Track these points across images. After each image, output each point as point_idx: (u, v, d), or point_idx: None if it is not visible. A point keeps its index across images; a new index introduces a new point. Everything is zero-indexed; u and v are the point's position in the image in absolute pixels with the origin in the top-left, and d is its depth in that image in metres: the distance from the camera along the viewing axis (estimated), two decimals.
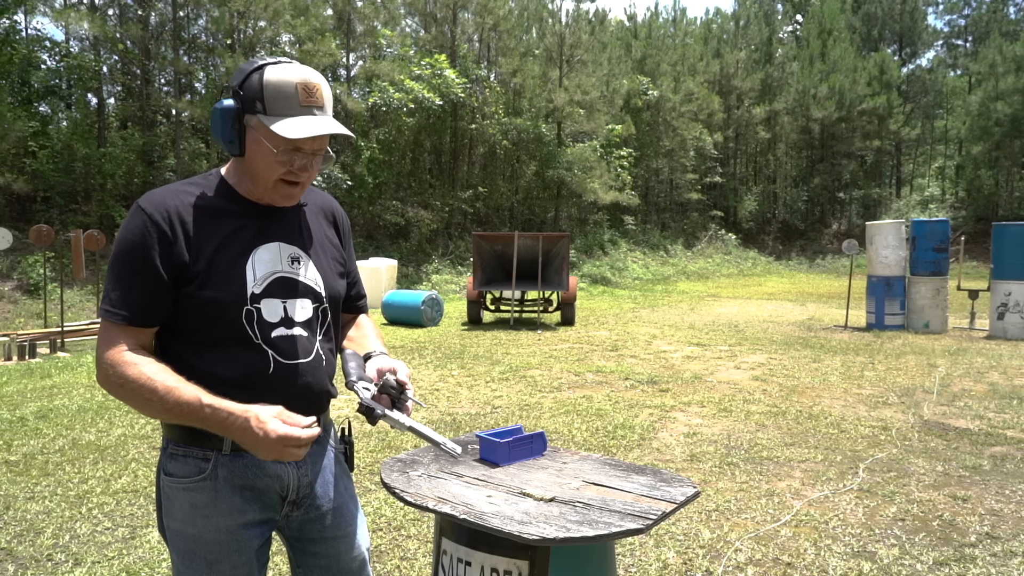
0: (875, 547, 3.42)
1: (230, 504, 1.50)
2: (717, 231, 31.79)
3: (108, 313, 1.45)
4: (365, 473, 4.48)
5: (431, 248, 20.97)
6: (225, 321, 1.48)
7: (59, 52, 18.25)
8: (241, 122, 1.48)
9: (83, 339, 10.71)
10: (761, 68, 35.67)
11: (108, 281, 1.47)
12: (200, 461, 1.49)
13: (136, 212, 1.47)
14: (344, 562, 1.68)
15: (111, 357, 1.42)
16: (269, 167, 1.50)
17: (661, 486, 1.81)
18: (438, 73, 20.15)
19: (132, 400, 1.42)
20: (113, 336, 1.44)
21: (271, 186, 1.52)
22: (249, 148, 1.50)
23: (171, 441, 1.52)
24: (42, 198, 16.12)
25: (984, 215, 31.26)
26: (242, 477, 1.51)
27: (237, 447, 1.49)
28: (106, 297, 1.46)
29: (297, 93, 1.47)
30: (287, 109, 1.46)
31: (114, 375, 1.41)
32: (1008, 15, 38.77)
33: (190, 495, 1.50)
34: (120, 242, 1.47)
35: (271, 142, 1.47)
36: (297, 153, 1.49)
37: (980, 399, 6.54)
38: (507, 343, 10.17)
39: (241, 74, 1.49)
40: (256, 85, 1.47)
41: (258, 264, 1.53)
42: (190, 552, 1.50)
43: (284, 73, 1.47)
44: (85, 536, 3.57)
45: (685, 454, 4.89)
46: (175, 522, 1.52)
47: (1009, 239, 10.71)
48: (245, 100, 1.47)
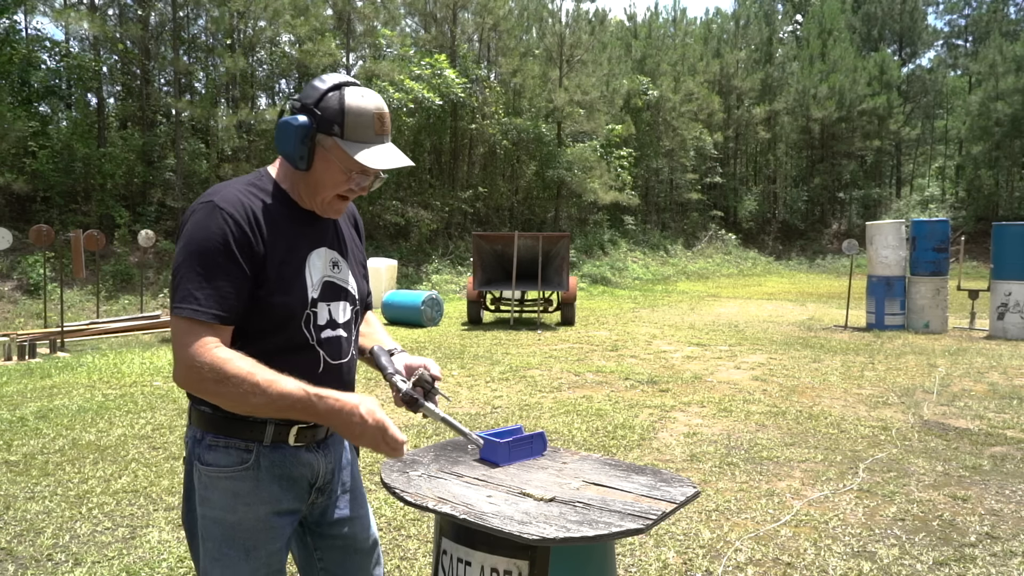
0: (875, 547, 3.42)
1: (269, 492, 1.56)
2: (717, 231, 31.79)
3: (196, 312, 1.43)
4: (365, 473, 4.48)
5: (431, 248, 20.97)
6: (290, 325, 1.55)
7: (59, 52, 18.25)
8: (313, 140, 1.52)
9: (83, 339, 10.71)
10: (761, 68, 35.66)
11: (187, 279, 1.44)
12: (242, 452, 1.54)
13: (213, 209, 1.46)
14: (359, 542, 1.77)
15: (204, 355, 1.42)
16: (334, 185, 1.56)
17: (661, 486, 1.81)
18: (438, 73, 20.15)
19: (230, 396, 1.43)
20: (201, 335, 1.43)
21: (330, 200, 1.59)
22: (317, 165, 1.54)
23: (208, 433, 1.55)
24: (42, 198, 16.13)
25: (984, 215, 31.26)
26: (281, 467, 1.58)
27: (277, 438, 1.56)
28: (187, 296, 1.43)
29: (374, 122, 1.53)
30: (364, 136, 1.53)
31: (210, 372, 1.41)
32: (1008, 15, 38.78)
33: (232, 483, 1.54)
34: (199, 240, 1.45)
35: (346, 165, 1.53)
36: (362, 176, 1.56)
37: (980, 399, 6.54)
38: (507, 343, 10.17)
39: (316, 92, 1.52)
40: (336, 107, 1.51)
41: (313, 269, 1.60)
42: (229, 539, 1.54)
43: (363, 100, 1.53)
44: (85, 536, 3.57)
45: (685, 454, 4.89)
46: (213, 510, 1.55)
47: (1009, 239, 10.71)
48: (322, 121, 1.51)
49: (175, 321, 1.45)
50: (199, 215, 1.47)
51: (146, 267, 15.31)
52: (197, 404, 1.58)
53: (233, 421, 1.52)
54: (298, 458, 1.60)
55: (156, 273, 15.64)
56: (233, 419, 1.52)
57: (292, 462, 1.59)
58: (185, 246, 1.46)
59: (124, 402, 6.49)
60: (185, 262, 1.45)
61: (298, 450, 1.60)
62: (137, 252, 15.46)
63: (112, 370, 8.07)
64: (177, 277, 1.46)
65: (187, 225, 1.48)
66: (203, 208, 1.47)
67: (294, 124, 1.50)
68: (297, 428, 1.59)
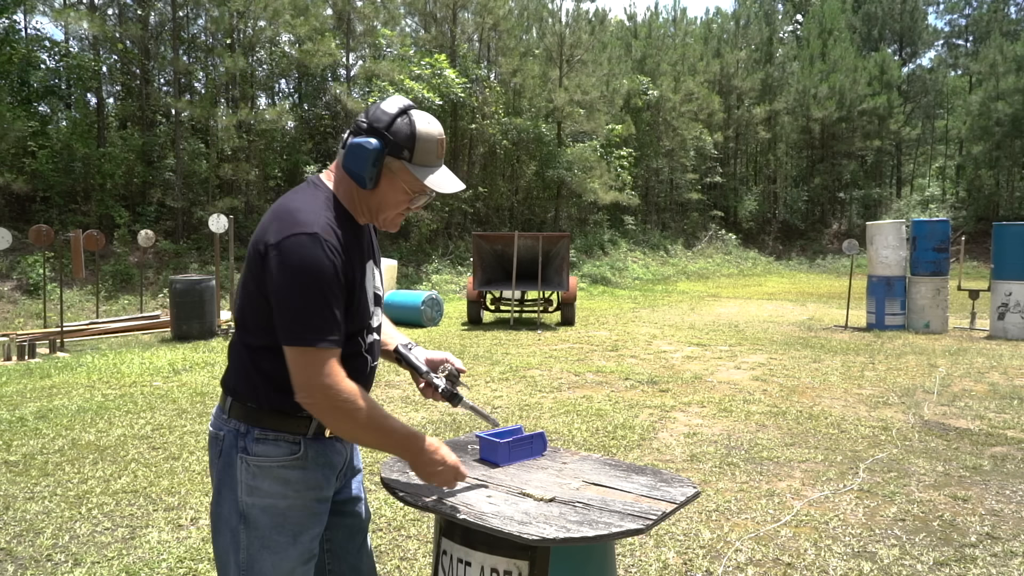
0: (875, 547, 3.42)
1: (315, 480, 1.67)
2: (717, 231, 31.78)
3: (327, 342, 1.52)
4: (365, 473, 4.47)
5: (431, 248, 20.97)
6: (355, 339, 1.67)
7: (58, 52, 18.24)
8: (382, 162, 1.61)
9: (82, 339, 10.71)
10: (761, 68, 35.65)
11: (309, 311, 1.51)
12: (291, 444, 1.63)
13: (319, 241, 1.51)
14: (363, 520, 1.90)
15: (342, 386, 1.54)
16: (395, 205, 1.67)
17: (661, 486, 1.80)
18: (438, 73, 20.15)
19: (358, 428, 1.59)
20: (332, 363, 1.53)
21: (390, 218, 1.70)
22: (383, 186, 1.63)
23: (255, 427, 1.62)
24: (42, 198, 16.12)
25: (984, 215, 31.25)
26: (324, 455, 1.69)
27: (317, 431, 1.66)
28: (316, 328, 1.51)
29: (438, 147, 1.65)
30: (429, 160, 1.64)
31: (345, 403, 1.54)
32: (1009, 15, 38.76)
33: (284, 471, 1.62)
34: (308, 270, 1.50)
35: (411, 186, 1.64)
36: (420, 196, 1.68)
37: (980, 399, 6.54)
38: (507, 343, 10.16)
39: (386, 116, 1.61)
40: (407, 132, 1.60)
41: (368, 284, 1.71)
42: (279, 525, 1.62)
43: (430, 126, 1.63)
44: (85, 536, 3.56)
45: (685, 454, 4.89)
46: (263, 499, 1.61)
47: (1009, 239, 10.71)
48: (393, 145, 1.60)
49: (304, 351, 1.52)
50: (306, 247, 1.50)
51: (146, 267, 15.30)
52: (242, 400, 1.64)
53: (281, 416, 1.62)
54: (334, 448, 1.72)
55: (156, 273, 15.64)
56: (281, 414, 1.62)
57: (330, 451, 1.71)
58: (295, 277, 1.50)
59: (124, 402, 6.48)
60: (303, 294, 1.51)
61: (333, 441, 1.72)
62: (137, 252, 15.46)
63: (112, 370, 8.07)
64: (295, 308, 1.51)
65: (293, 256, 1.50)
66: (308, 240, 1.51)
67: (368, 147, 1.58)
68: None
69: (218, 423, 1.69)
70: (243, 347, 1.64)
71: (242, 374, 1.64)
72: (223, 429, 1.66)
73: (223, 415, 1.67)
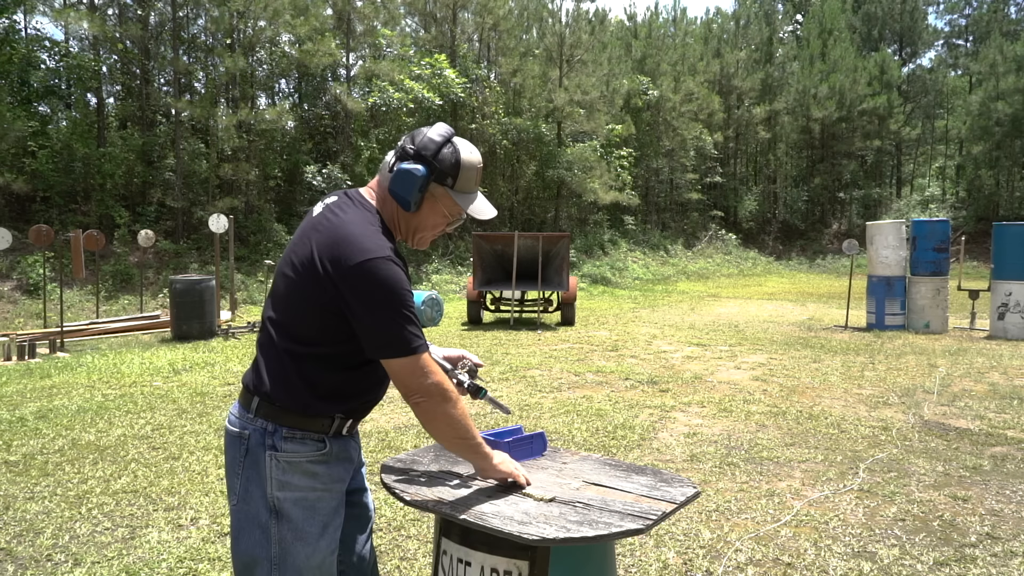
0: (875, 547, 3.42)
1: (338, 474, 1.79)
2: (717, 231, 31.77)
3: (424, 346, 1.69)
4: (365, 473, 4.48)
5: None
6: None
7: (59, 52, 18.24)
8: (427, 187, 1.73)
9: (82, 339, 10.70)
10: (761, 68, 35.64)
11: (407, 323, 1.65)
12: (317, 442, 1.74)
13: (392, 264, 1.65)
14: (369, 511, 2.00)
15: (445, 379, 1.72)
16: (433, 227, 1.81)
17: (661, 486, 1.80)
18: (438, 73, 20.15)
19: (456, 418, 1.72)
20: (432, 363, 1.70)
21: (425, 239, 1.83)
22: (424, 209, 1.77)
23: (283, 426, 1.71)
24: (42, 198, 16.12)
25: (984, 215, 31.23)
26: (345, 451, 1.81)
27: (339, 430, 1.78)
28: (409, 337, 1.65)
29: (478, 175, 1.78)
30: (469, 187, 1.77)
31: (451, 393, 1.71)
32: (1009, 15, 38.73)
33: (313, 466, 1.73)
34: (394, 289, 1.64)
35: (450, 211, 1.78)
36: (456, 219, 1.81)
37: (980, 399, 6.54)
38: (507, 343, 10.16)
39: (433, 144, 1.72)
40: (451, 161, 1.72)
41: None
42: (309, 517, 1.71)
43: (472, 155, 1.76)
44: (85, 536, 3.56)
45: (685, 454, 4.89)
46: (294, 492, 1.70)
47: (1009, 239, 10.70)
48: (439, 173, 1.72)
49: (411, 360, 1.66)
50: (385, 269, 1.64)
51: (146, 267, 15.30)
52: (270, 400, 1.71)
53: (310, 416, 1.72)
54: (351, 444, 1.85)
55: (156, 273, 15.64)
56: (308, 415, 1.72)
57: (350, 447, 1.83)
58: (387, 297, 1.64)
59: (124, 402, 6.48)
60: (396, 311, 1.65)
61: (349, 438, 1.84)
62: (137, 252, 15.46)
63: (112, 370, 8.07)
64: (392, 324, 1.64)
65: (376, 279, 1.63)
66: (383, 263, 1.64)
67: (417, 174, 1.70)
68: (351, 421, 1.81)
69: (242, 423, 1.75)
70: (284, 354, 1.72)
71: (280, 379, 1.71)
72: (248, 428, 1.73)
73: (248, 415, 1.74)
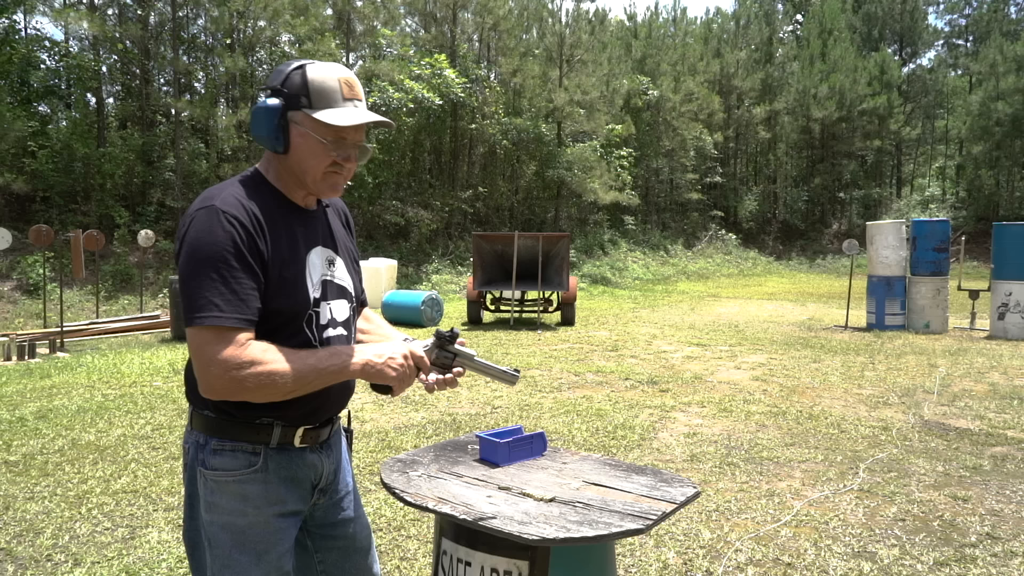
0: (875, 547, 3.42)
1: (277, 495, 1.56)
2: (717, 231, 31.78)
3: (221, 319, 1.39)
4: (365, 473, 4.48)
5: (431, 248, 20.96)
6: (292, 326, 1.54)
7: (58, 52, 18.24)
8: (285, 119, 1.52)
9: (82, 339, 10.71)
10: (761, 68, 35.65)
11: (204, 288, 1.39)
12: (250, 455, 1.53)
13: (215, 213, 1.43)
14: (359, 541, 1.78)
15: (242, 355, 1.40)
16: (317, 159, 1.53)
17: (661, 486, 1.80)
18: (438, 73, 20.14)
19: (271, 384, 1.42)
20: (231, 339, 1.40)
21: (319, 178, 1.55)
22: (295, 143, 1.53)
23: (213, 438, 1.53)
24: (42, 198, 16.12)
25: (985, 215, 31.24)
26: (287, 468, 1.58)
27: (283, 440, 1.56)
28: (207, 304, 1.39)
29: (340, 87, 1.53)
30: (332, 102, 1.52)
31: (252, 368, 1.40)
32: (1009, 15, 38.75)
33: (241, 487, 1.53)
34: (208, 246, 1.41)
35: (319, 133, 1.51)
36: (342, 143, 1.54)
37: (980, 399, 6.54)
38: (507, 343, 10.16)
39: (280, 74, 1.54)
40: (300, 82, 1.51)
41: (312, 269, 1.59)
42: (239, 544, 1.52)
43: (326, 69, 1.54)
44: (85, 536, 3.56)
45: (685, 454, 4.88)
46: (222, 516, 1.52)
47: (1010, 239, 10.70)
48: (289, 97, 1.51)
49: (198, 332, 1.40)
50: (201, 221, 1.43)
51: (146, 267, 15.30)
52: (200, 408, 1.56)
53: (239, 425, 1.53)
54: (303, 459, 1.61)
55: (156, 273, 15.64)
56: (239, 423, 1.53)
57: (298, 463, 1.60)
58: (192, 254, 1.42)
59: (124, 402, 6.48)
60: (197, 270, 1.41)
61: (303, 451, 1.61)
62: (137, 252, 15.46)
63: (112, 370, 8.07)
64: (191, 287, 1.41)
65: (189, 232, 1.43)
66: (205, 213, 1.44)
67: (264, 107, 1.51)
68: (303, 429, 1.58)
69: (186, 436, 1.61)
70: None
71: (190, 377, 1.55)
72: (188, 442, 1.59)
73: (189, 427, 1.61)
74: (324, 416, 1.65)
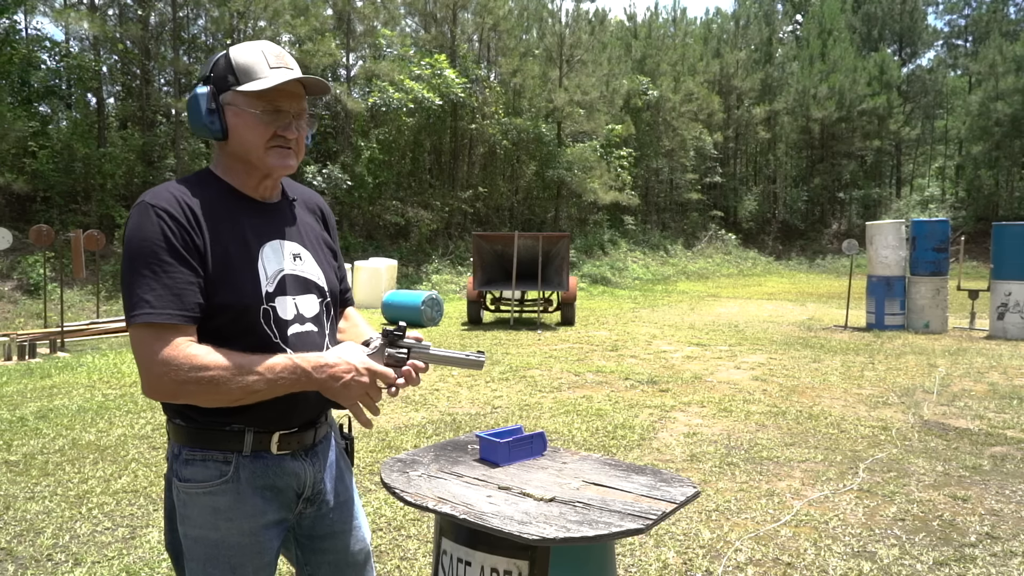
0: (875, 547, 3.42)
1: (252, 506, 1.49)
2: (717, 231, 31.79)
3: (152, 315, 1.34)
4: (365, 473, 4.48)
5: (431, 248, 20.97)
6: (243, 323, 1.46)
7: (59, 52, 18.25)
8: (217, 102, 1.48)
9: (83, 339, 10.71)
10: (761, 68, 35.68)
11: (135, 285, 1.36)
12: (221, 464, 1.47)
13: (145, 209, 1.40)
14: (351, 556, 1.69)
15: (177, 355, 1.34)
16: (256, 134, 1.48)
17: (661, 486, 1.81)
18: (438, 73, 20.15)
19: (214, 388, 1.35)
20: (166, 338, 1.35)
21: (264, 153, 1.49)
22: (231, 123, 1.48)
23: (185, 447, 1.48)
24: (42, 198, 16.13)
25: (984, 215, 31.25)
26: (263, 477, 1.50)
27: (258, 447, 1.49)
28: (139, 302, 1.35)
29: (265, 58, 1.49)
30: (258, 73, 1.48)
31: (189, 369, 1.34)
32: (1008, 15, 38.77)
33: (211, 499, 1.47)
34: (138, 242, 1.38)
35: (250, 106, 1.47)
36: (280, 114, 1.49)
37: (980, 399, 6.54)
38: (507, 343, 10.17)
39: (207, 64, 1.52)
40: (224, 63, 1.49)
41: (267, 262, 1.51)
42: (212, 558, 1.47)
43: (248, 45, 1.51)
44: (85, 536, 3.57)
45: (685, 454, 4.89)
46: (194, 529, 1.47)
47: (1009, 239, 10.71)
48: (216, 80, 1.48)
49: (133, 331, 1.36)
50: (133, 218, 1.41)
51: None
52: (172, 418, 1.50)
53: (210, 432, 1.46)
54: (282, 467, 1.53)
55: None
56: (210, 430, 1.46)
57: (275, 471, 1.52)
58: (126, 252, 1.39)
59: (124, 402, 6.49)
60: (129, 267, 1.37)
61: (282, 459, 1.53)
62: None
63: (112, 370, 8.07)
64: (125, 285, 1.38)
65: (125, 231, 1.41)
66: (136, 210, 1.41)
67: (194, 95, 1.49)
68: (279, 435, 1.51)
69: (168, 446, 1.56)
70: None
71: None
72: (168, 452, 1.54)
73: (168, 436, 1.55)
74: (301, 419, 1.55)
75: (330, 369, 1.42)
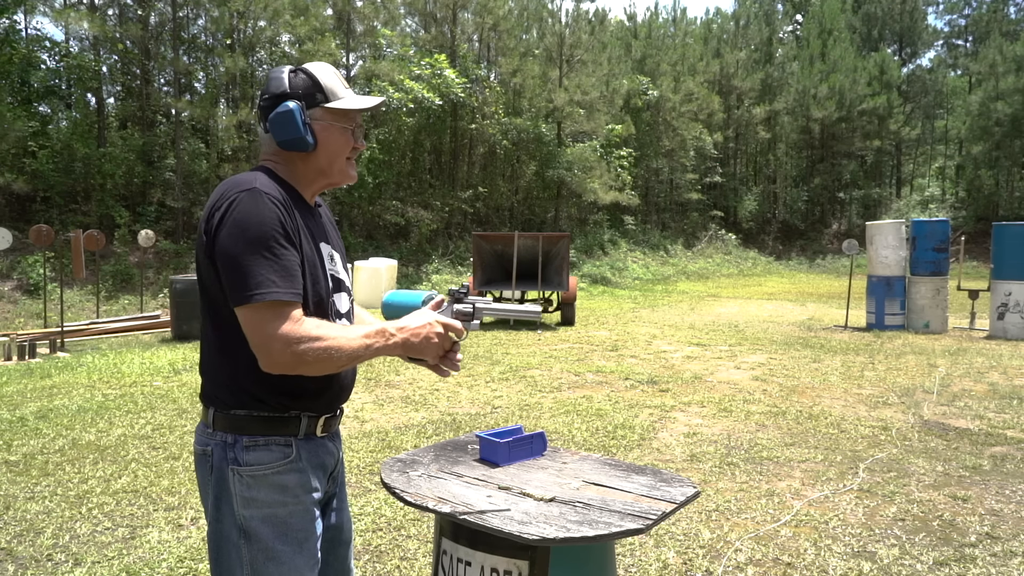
0: (875, 547, 3.42)
1: (312, 483, 1.62)
2: (717, 231, 31.78)
3: (279, 293, 1.44)
4: (365, 473, 4.48)
5: (431, 248, 20.96)
6: (320, 312, 1.59)
7: (59, 52, 18.24)
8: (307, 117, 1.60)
9: (83, 339, 10.71)
10: (761, 68, 35.66)
11: (257, 265, 1.44)
12: (283, 447, 1.57)
13: (258, 195, 1.49)
14: (344, 533, 1.81)
15: (295, 330, 1.45)
16: (341, 148, 1.64)
17: (661, 486, 1.81)
18: (438, 73, 20.14)
19: (328, 357, 1.48)
20: (289, 314, 1.45)
21: (344, 165, 1.67)
22: (321, 137, 1.61)
23: (243, 436, 1.55)
24: (42, 198, 16.12)
25: (984, 215, 31.24)
26: (316, 456, 1.64)
27: (309, 430, 1.62)
28: (264, 281, 1.43)
29: (341, 78, 1.67)
30: (341, 91, 1.64)
31: (309, 341, 1.45)
32: (1008, 15, 38.76)
33: (280, 478, 1.56)
34: (257, 226, 1.46)
35: (341, 121, 1.63)
36: (357, 129, 1.67)
37: (980, 399, 6.54)
38: (507, 343, 10.17)
39: (280, 81, 1.60)
40: (307, 81, 1.61)
41: (326, 261, 1.67)
42: (281, 535, 1.55)
43: (322, 67, 1.65)
44: (85, 536, 3.57)
45: (685, 454, 4.89)
46: (261, 509, 1.54)
47: (1009, 239, 10.71)
48: (305, 96, 1.59)
49: (255, 310, 1.44)
50: (246, 202, 1.47)
51: (146, 267, 15.30)
52: (226, 409, 1.56)
53: (271, 420, 1.56)
54: (325, 447, 1.68)
55: (156, 273, 15.64)
56: (270, 418, 1.56)
57: (322, 451, 1.66)
58: (242, 234, 1.45)
59: (124, 402, 6.49)
60: (248, 249, 1.45)
61: (324, 440, 1.67)
62: (137, 252, 15.46)
63: (112, 370, 8.07)
64: (242, 266, 1.44)
65: (234, 214, 1.46)
66: (248, 195, 1.48)
67: (287, 110, 1.56)
68: (324, 419, 1.64)
69: (203, 439, 1.60)
70: (212, 347, 1.57)
71: (220, 379, 1.57)
72: (210, 444, 1.58)
73: (207, 429, 1.59)
74: (339, 404, 1.71)
75: (410, 328, 1.60)
